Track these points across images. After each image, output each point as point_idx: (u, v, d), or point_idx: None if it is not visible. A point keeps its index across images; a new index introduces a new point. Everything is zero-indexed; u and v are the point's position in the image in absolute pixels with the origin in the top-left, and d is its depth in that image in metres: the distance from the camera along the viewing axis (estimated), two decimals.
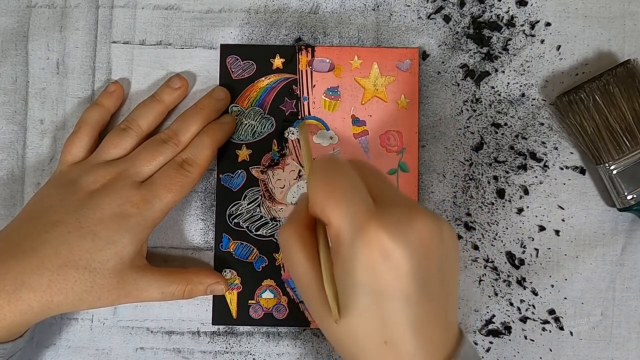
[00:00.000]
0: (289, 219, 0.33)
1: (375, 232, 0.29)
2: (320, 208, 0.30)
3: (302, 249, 0.32)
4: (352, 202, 0.30)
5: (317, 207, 0.31)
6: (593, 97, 0.43)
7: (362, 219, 0.29)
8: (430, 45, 0.46)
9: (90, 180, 0.40)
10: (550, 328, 0.44)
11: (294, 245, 0.32)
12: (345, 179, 0.31)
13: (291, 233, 0.32)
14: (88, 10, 0.46)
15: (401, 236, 0.29)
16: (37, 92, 0.46)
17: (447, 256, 0.31)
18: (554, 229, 0.45)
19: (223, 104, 0.45)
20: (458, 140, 0.45)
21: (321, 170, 0.32)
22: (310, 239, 0.33)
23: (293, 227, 0.33)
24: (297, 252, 0.32)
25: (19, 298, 0.36)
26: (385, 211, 0.30)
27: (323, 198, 0.30)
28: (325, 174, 0.31)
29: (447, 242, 0.31)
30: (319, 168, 0.32)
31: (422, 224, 0.30)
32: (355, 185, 0.31)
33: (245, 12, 0.46)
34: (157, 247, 0.45)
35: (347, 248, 0.29)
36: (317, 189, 0.31)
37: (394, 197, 0.32)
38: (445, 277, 0.31)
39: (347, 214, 0.29)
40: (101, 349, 0.45)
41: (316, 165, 0.32)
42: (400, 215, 0.30)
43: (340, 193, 0.30)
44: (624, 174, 0.43)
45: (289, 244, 0.32)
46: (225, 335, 0.45)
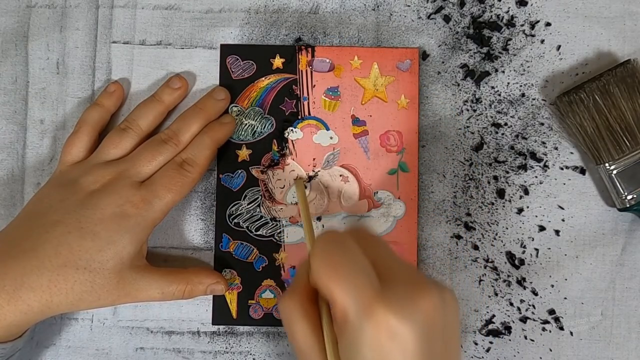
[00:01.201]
0: (290, 289, 0.33)
1: (382, 313, 0.29)
2: (323, 285, 0.30)
3: (304, 321, 0.32)
4: (357, 281, 0.30)
5: (321, 284, 0.31)
6: (593, 97, 0.43)
7: (368, 300, 0.29)
8: (430, 45, 0.46)
9: (90, 180, 0.40)
10: (550, 328, 0.44)
11: (296, 316, 0.32)
12: (349, 257, 0.31)
13: (293, 304, 0.32)
14: (88, 10, 0.46)
15: (407, 315, 0.29)
16: (37, 92, 0.46)
17: (450, 327, 0.31)
18: (554, 229, 0.45)
19: (223, 104, 0.45)
20: (458, 140, 0.45)
21: (324, 245, 0.32)
22: (312, 310, 0.32)
23: (295, 297, 0.32)
24: (298, 323, 0.32)
25: (19, 298, 0.36)
26: (391, 290, 0.30)
27: (327, 276, 0.30)
28: (328, 250, 0.31)
29: (449, 311, 0.31)
30: (321, 243, 0.32)
31: (427, 300, 0.30)
32: (359, 262, 0.31)
33: (245, 12, 0.46)
34: (157, 247, 0.45)
35: (353, 328, 0.29)
36: (321, 267, 0.31)
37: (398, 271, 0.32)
38: (449, 347, 0.31)
39: (353, 293, 0.29)
40: (101, 349, 0.45)
41: (319, 242, 0.32)
42: (406, 293, 0.30)
43: (345, 271, 0.30)
44: (624, 174, 0.43)
45: (291, 315, 0.32)
46: (225, 335, 0.45)
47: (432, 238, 0.45)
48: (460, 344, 0.33)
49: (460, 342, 0.35)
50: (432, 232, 0.45)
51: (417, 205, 0.45)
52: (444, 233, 0.45)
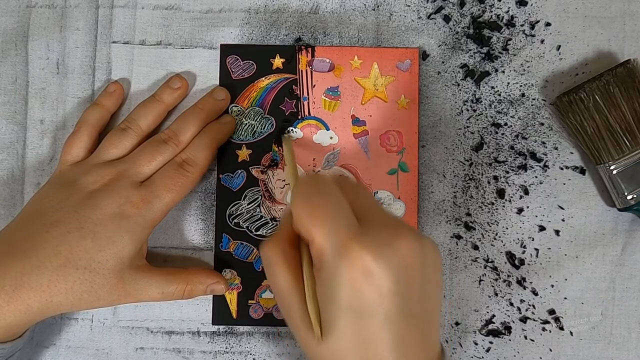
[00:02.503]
0: (272, 235, 0.33)
1: (357, 252, 0.29)
2: (303, 226, 0.31)
3: (284, 266, 0.32)
4: (335, 222, 0.30)
5: (301, 226, 0.31)
6: (593, 97, 0.43)
7: (345, 239, 0.29)
8: (430, 45, 0.46)
9: (90, 180, 0.40)
10: (550, 328, 0.44)
11: (277, 261, 0.32)
12: (329, 197, 0.31)
13: (274, 249, 0.32)
14: (88, 10, 0.46)
15: (383, 256, 0.29)
16: (37, 92, 0.46)
17: (429, 275, 0.31)
18: (554, 229, 0.45)
19: (223, 104, 0.45)
20: (458, 140, 0.45)
21: (305, 188, 0.32)
22: (294, 256, 0.33)
23: (276, 243, 0.33)
24: (279, 268, 0.32)
25: (19, 298, 0.36)
26: (368, 230, 0.30)
27: (306, 217, 0.31)
28: (308, 192, 0.32)
29: (429, 262, 0.31)
30: (302, 186, 0.32)
31: (405, 244, 0.30)
32: (338, 203, 0.31)
33: (245, 12, 0.46)
34: (157, 247, 0.45)
35: (329, 267, 0.30)
36: (301, 207, 0.31)
37: (377, 215, 0.32)
38: (427, 296, 0.31)
39: (330, 233, 0.30)
40: (101, 349, 0.45)
41: (300, 184, 0.32)
42: (383, 235, 0.30)
43: (323, 212, 0.30)
44: (624, 174, 0.43)
45: (272, 260, 0.32)
46: (225, 335, 0.45)
47: (432, 238, 0.45)
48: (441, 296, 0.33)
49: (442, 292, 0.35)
50: (432, 232, 0.45)
51: (417, 205, 0.45)
52: (444, 233, 0.45)
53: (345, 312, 0.30)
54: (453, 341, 0.44)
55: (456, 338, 0.44)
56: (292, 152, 0.41)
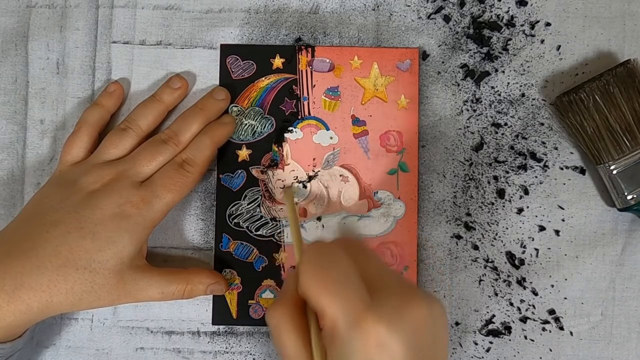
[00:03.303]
0: (278, 299, 0.33)
1: (371, 325, 0.29)
2: (313, 298, 0.30)
3: (293, 331, 0.32)
4: (346, 294, 0.30)
5: (311, 297, 0.31)
6: (593, 97, 0.43)
7: (358, 311, 0.29)
8: (430, 45, 0.46)
9: (90, 180, 0.40)
10: (550, 328, 0.44)
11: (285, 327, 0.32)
12: (338, 268, 0.31)
13: (281, 314, 0.32)
14: (88, 10, 0.46)
15: (396, 326, 0.29)
16: (37, 92, 0.46)
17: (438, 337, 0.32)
18: (554, 229, 0.45)
19: (223, 104, 0.45)
20: (458, 140, 0.45)
21: (313, 259, 0.32)
22: (301, 321, 0.32)
23: (283, 308, 0.32)
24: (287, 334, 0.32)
25: (19, 298, 0.36)
26: (380, 301, 0.30)
27: (316, 289, 0.30)
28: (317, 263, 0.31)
29: (438, 322, 0.31)
30: (310, 256, 0.32)
31: (416, 311, 0.30)
32: (348, 274, 0.31)
33: (245, 12, 0.46)
34: (157, 247, 0.45)
35: (343, 339, 0.29)
36: (310, 279, 0.31)
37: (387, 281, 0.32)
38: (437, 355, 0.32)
39: (342, 306, 0.29)
40: (101, 349, 0.45)
41: (308, 254, 0.32)
42: (395, 304, 0.30)
43: (334, 285, 0.30)
44: (624, 174, 0.43)
45: (279, 325, 0.32)
46: (225, 335, 0.45)
47: (432, 238, 0.45)
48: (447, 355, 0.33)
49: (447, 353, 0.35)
50: (432, 232, 0.45)
51: (417, 205, 0.45)
52: (444, 233, 0.45)
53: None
54: (453, 341, 0.44)
55: (456, 338, 0.44)
56: (294, 210, 0.40)
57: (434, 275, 0.45)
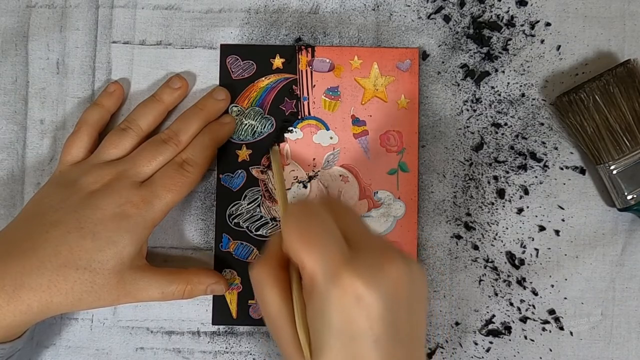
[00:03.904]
0: (262, 256, 0.34)
1: (349, 278, 0.29)
2: (294, 252, 0.31)
3: (274, 288, 0.32)
4: (325, 248, 0.30)
5: (292, 251, 0.31)
6: (593, 97, 0.43)
7: (336, 265, 0.30)
8: (430, 45, 0.46)
9: (90, 180, 0.40)
10: (550, 328, 0.44)
11: (267, 283, 0.32)
12: (320, 223, 0.32)
13: (264, 271, 0.33)
14: (88, 10, 0.46)
15: (374, 281, 0.30)
16: (37, 92, 0.46)
17: (416, 298, 0.32)
18: (554, 229, 0.45)
19: (223, 104, 0.45)
20: (458, 140, 0.45)
21: (296, 214, 0.32)
22: (283, 278, 0.33)
23: (266, 265, 0.33)
24: (269, 290, 0.32)
25: (19, 298, 0.36)
26: (359, 256, 0.31)
27: (297, 242, 0.31)
28: (299, 218, 0.32)
29: (417, 285, 0.32)
30: (293, 211, 0.32)
31: (394, 268, 0.31)
32: (329, 229, 0.32)
33: (245, 12, 0.46)
34: (157, 247, 0.45)
35: (320, 292, 0.30)
36: (292, 233, 0.31)
37: (366, 239, 0.33)
38: (414, 318, 0.32)
39: (321, 259, 0.30)
40: (101, 349, 0.45)
41: (290, 210, 0.33)
42: (373, 260, 0.31)
43: (315, 238, 0.31)
44: (624, 174, 0.43)
45: (262, 282, 0.33)
46: (225, 335, 0.45)
47: (432, 238, 0.45)
48: (426, 316, 0.34)
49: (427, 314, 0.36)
50: (432, 232, 0.45)
51: (417, 205, 0.45)
52: (444, 233, 0.45)
53: (335, 336, 0.30)
54: (453, 341, 0.44)
55: (456, 338, 0.44)
56: (280, 169, 0.41)
57: (434, 275, 0.45)
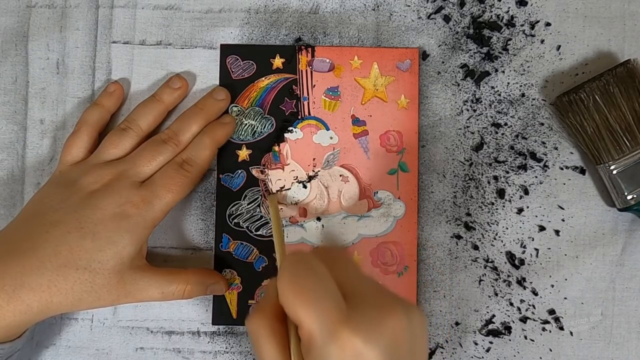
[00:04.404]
0: (258, 308, 0.33)
1: (347, 335, 0.29)
2: (290, 309, 0.30)
3: (271, 340, 0.32)
4: (322, 305, 0.30)
5: (288, 308, 0.31)
6: (593, 97, 0.43)
7: (333, 322, 0.29)
8: (430, 45, 0.46)
9: (90, 180, 0.40)
10: (550, 328, 0.44)
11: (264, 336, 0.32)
12: (315, 279, 0.31)
13: (261, 323, 0.32)
14: (88, 10, 0.46)
15: (373, 336, 0.29)
16: (37, 92, 0.46)
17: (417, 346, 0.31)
18: (554, 229, 0.45)
19: (223, 104, 0.45)
20: (458, 140, 0.45)
21: (290, 269, 0.32)
22: (280, 330, 0.32)
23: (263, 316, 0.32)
24: (266, 343, 0.32)
25: (18, 298, 0.36)
26: (357, 311, 0.30)
27: (293, 299, 0.30)
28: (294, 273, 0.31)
29: (416, 330, 0.31)
30: (288, 267, 0.32)
31: (394, 321, 0.30)
32: (325, 285, 0.31)
33: (245, 12, 0.46)
34: (157, 247, 0.45)
35: (319, 350, 0.29)
36: (287, 290, 0.31)
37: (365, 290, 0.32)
38: None
39: (318, 317, 0.29)
40: (101, 349, 0.45)
41: (285, 264, 0.32)
42: (372, 315, 0.30)
43: (311, 295, 0.30)
44: (624, 174, 0.43)
45: (259, 334, 0.32)
46: (225, 335, 0.45)
47: (432, 238, 0.45)
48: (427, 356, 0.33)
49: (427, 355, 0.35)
50: (432, 232, 0.45)
51: (417, 205, 0.45)
52: (444, 233, 0.45)
53: None
54: (453, 341, 0.44)
55: (456, 338, 0.44)
56: (277, 218, 0.41)
57: (434, 275, 0.45)
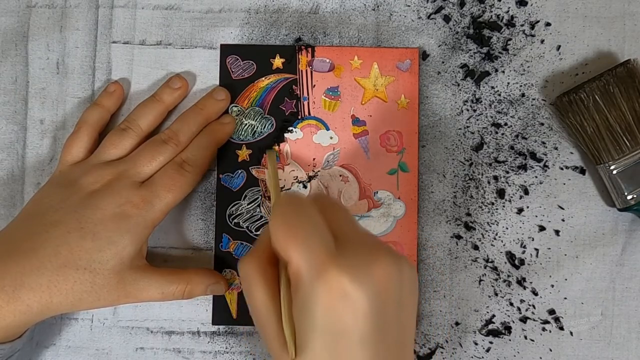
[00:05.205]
0: (251, 250, 0.33)
1: (334, 274, 0.29)
2: (280, 247, 0.31)
3: (262, 283, 0.32)
4: (311, 243, 0.30)
5: (278, 246, 0.31)
6: (593, 97, 0.43)
7: (322, 261, 0.29)
8: (430, 45, 0.46)
9: (91, 180, 0.40)
10: (550, 328, 0.44)
11: (255, 278, 0.32)
12: (306, 218, 0.31)
13: (252, 266, 0.32)
14: (88, 10, 0.46)
15: (360, 278, 0.29)
16: (37, 92, 0.46)
17: (405, 297, 0.32)
18: (554, 229, 0.45)
19: (223, 104, 0.45)
20: (458, 140, 0.45)
21: (283, 209, 0.32)
22: (272, 274, 0.33)
23: (255, 259, 0.32)
24: (257, 285, 0.32)
25: (18, 298, 0.36)
26: (345, 252, 0.30)
27: (283, 238, 0.31)
28: (286, 213, 0.32)
29: (406, 282, 0.31)
30: (280, 207, 0.32)
31: (382, 266, 0.30)
32: (315, 224, 0.31)
33: (245, 12, 0.46)
34: (157, 247, 0.45)
35: (306, 288, 0.30)
36: (278, 228, 0.31)
37: (355, 235, 0.32)
38: (402, 316, 0.32)
39: (307, 254, 0.30)
40: (101, 349, 0.45)
41: (278, 205, 0.32)
42: (360, 256, 0.30)
43: (300, 234, 0.30)
44: (624, 174, 0.43)
45: (250, 276, 0.32)
46: (225, 335, 0.45)
47: (432, 238, 0.45)
48: (415, 314, 0.34)
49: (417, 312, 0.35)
50: (432, 232, 0.45)
51: (417, 205, 0.45)
52: (444, 233, 0.45)
53: (320, 333, 0.30)
54: (453, 341, 0.44)
55: (456, 338, 0.44)
56: (275, 167, 0.41)
57: (434, 275, 0.45)
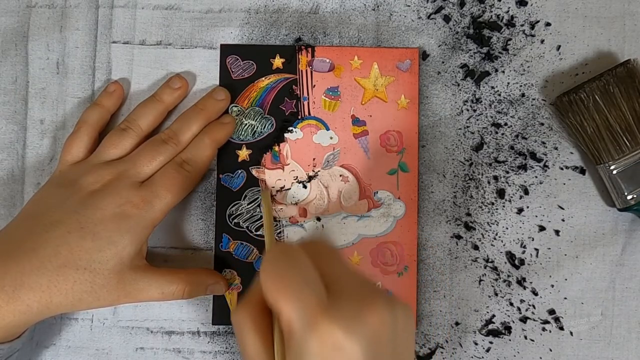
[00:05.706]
0: (244, 300, 0.33)
1: (327, 327, 0.29)
2: (272, 299, 0.30)
3: (255, 332, 0.32)
4: (303, 295, 0.30)
5: (269, 298, 0.31)
6: (593, 97, 0.43)
7: (313, 313, 0.29)
8: (430, 45, 0.46)
9: (90, 180, 0.40)
10: (550, 328, 0.44)
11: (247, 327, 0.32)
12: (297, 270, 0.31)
13: (245, 314, 0.32)
14: (88, 10, 0.46)
15: (353, 329, 0.29)
16: (37, 92, 0.46)
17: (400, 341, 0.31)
18: (554, 229, 0.45)
19: (223, 104, 0.45)
20: (458, 140, 0.45)
21: (274, 260, 0.32)
22: (265, 322, 0.32)
23: (247, 308, 0.32)
24: (249, 334, 0.32)
25: (18, 298, 0.36)
26: (338, 303, 0.30)
27: (274, 290, 0.30)
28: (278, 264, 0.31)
29: (400, 328, 0.31)
30: (271, 258, 0.32)
31: (375, 314, 0.30)
32: (306, 275, 0.31)
33: (245, 12, 0.46)
34: (157, 247, 0.45)
35: (298, 340, 0.29)
36: (268, 280, 0.31)
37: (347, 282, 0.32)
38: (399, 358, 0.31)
39: (298, 306, 0.29)
40: (101, 349, 0.45)
41: (269, 255, 0.32)
42: (353, 307, 0.30)
43: (290, 285, 0.30)
44: (624, 174, 0.43)
45: (242, 325, 0.32)
46: (225, 335, 0.45)
47: (432, 238, 0.45)
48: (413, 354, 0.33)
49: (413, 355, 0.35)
50: (432, 232, 0.45)
51: (417, 205, 0.45)
52: (444, 233, 0.45)
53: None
54: (453, 341, 0.44)
55: (456, 338, 0.44)
56: (270, 211, 0.41)
57: (434, 275, 0.45)
